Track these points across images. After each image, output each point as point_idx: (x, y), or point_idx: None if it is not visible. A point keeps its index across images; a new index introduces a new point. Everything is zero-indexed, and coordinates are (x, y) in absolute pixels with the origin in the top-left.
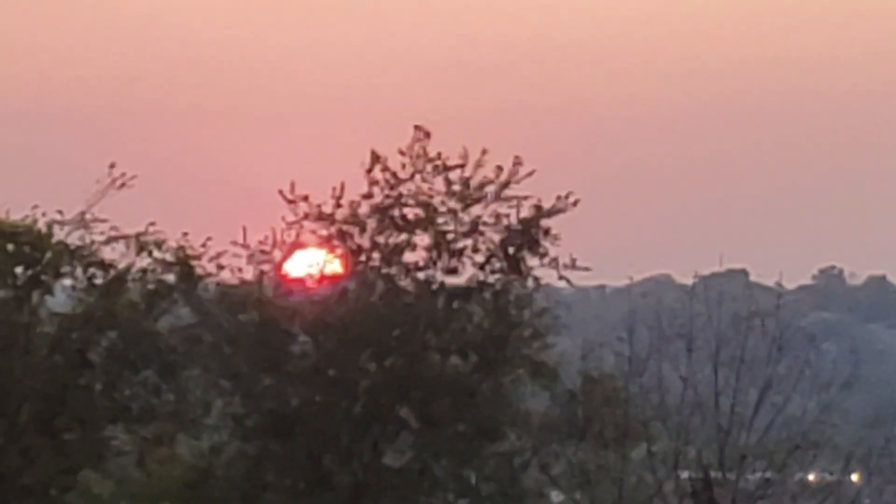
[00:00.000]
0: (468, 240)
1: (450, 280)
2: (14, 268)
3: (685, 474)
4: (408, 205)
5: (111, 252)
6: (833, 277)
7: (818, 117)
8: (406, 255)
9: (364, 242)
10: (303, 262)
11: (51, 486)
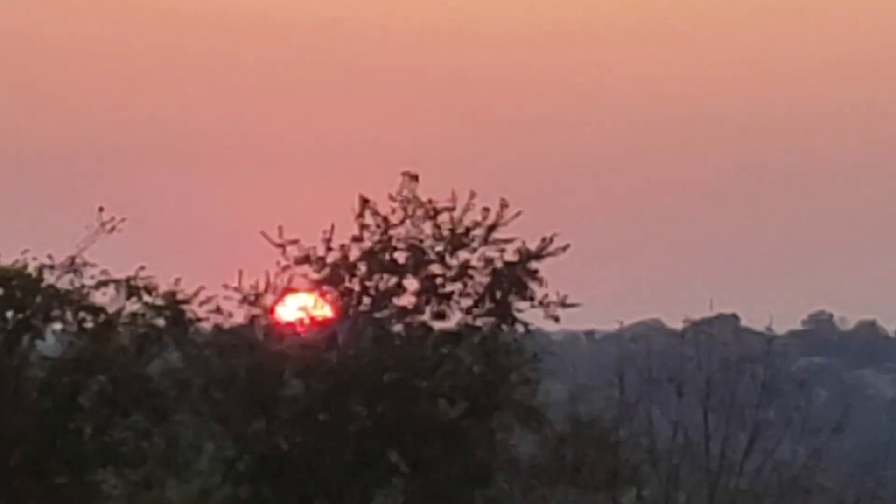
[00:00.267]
0: (457, 284)
1: (438, 325)
2: (4, 312)
3: None
4: (398, 248)
5: (101, 296)
6: (823, 322)
7: (809, 162)
8: (396, 300)
9: (355, 286)
10: (294, 306)
11: None
